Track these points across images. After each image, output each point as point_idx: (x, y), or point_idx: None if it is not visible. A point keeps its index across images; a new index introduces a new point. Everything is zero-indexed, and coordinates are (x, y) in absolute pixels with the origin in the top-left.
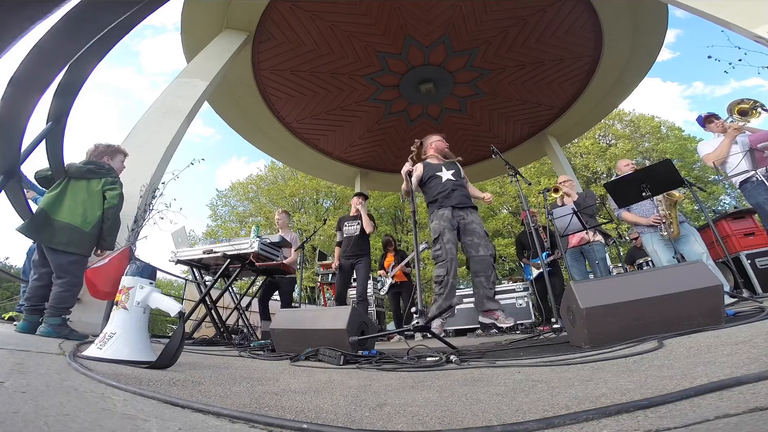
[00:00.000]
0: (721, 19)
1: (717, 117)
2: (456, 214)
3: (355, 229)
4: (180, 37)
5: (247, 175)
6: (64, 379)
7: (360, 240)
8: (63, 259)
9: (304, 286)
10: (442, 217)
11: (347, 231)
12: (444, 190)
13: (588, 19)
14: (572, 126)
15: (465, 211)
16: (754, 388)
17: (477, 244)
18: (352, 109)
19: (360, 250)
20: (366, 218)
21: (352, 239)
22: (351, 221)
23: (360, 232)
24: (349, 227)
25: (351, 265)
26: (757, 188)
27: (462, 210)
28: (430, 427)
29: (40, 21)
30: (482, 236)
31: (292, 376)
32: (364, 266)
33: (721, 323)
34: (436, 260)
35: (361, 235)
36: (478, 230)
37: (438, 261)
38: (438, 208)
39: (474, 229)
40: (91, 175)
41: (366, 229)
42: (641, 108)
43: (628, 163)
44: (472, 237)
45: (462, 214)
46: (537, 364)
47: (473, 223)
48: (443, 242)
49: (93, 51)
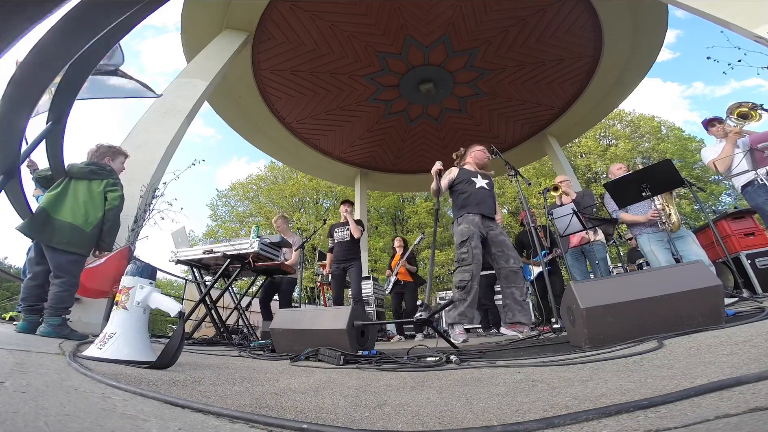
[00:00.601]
0: (721, 19)
1: (720, 121)
2: (485, 223)
3: (345, 235)
4: (180, 37)
5: (247, 175)
6: (64, 379)
7: (350, 245)
8: (62, 259)
9: (304, 286)
10: (472, 222)
11: (338, 237)
12: (477, 196)
13: (588, 19)
14: (572, 126)
15: (493, 222)
16: (754, 388)
17: (508, 256)
18: (352, 109)
19: (351, 254)
20: (353, 224)
21: (342, 245)
22: (341, 227)
23: (350, 238)
24: (339, 233)
25: (343, 269)
26: (758, 191)
27: (491, 221)
28: (430, 427)
29: (40, 21)
30: (511, 248)
31: (292, 376)
32: (356, 270)
33: (721, 323)
34: (461, 263)
35: (351, 240)
36: (507, 242)
37: (463, 264)
38: (468, 213)
39: (504, 240)
40: (93, 176)
41: (354, 234)
42: (642, 108)
43: (621, 167)
44: (503, 248)
45: (491, 225)
46: (537, 364)
47: (502, 234)
48: (471, 246)
49: (93, 51)
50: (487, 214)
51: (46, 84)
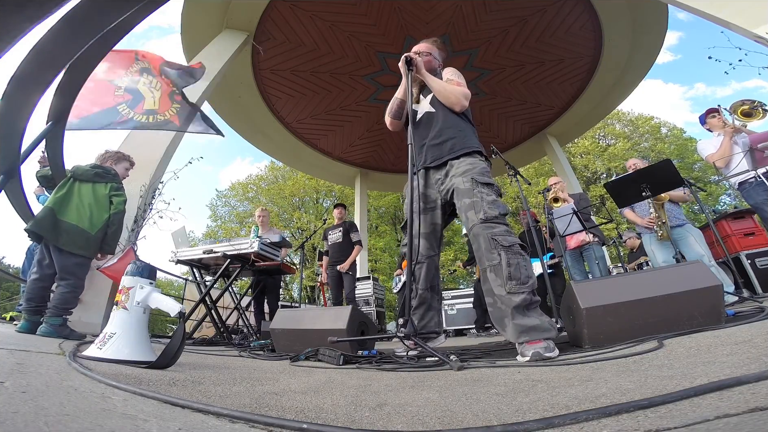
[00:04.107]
0: (722, 19)
1: (719, 112)
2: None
3: (338, 237)
4: (180, 37)
5: (247, 175)
6: (64, 379)
7: (344, 246)
8: (69, 261)
9: (304, 285)
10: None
11: (331, 239)
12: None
13: (588, 19)
14: (572, 126)
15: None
16: (754, 388)
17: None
18: (352, 109)
19: (345, 255)
20: (354, 249)
21: (336, 246)
22: (334, 230)
23: (343, 239)
24: (332, 235)
25: (338, 271)
26: (756, 188)
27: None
28: (430, 427)
29: (40, 21)
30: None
31: (292, 376)
32: (350, 272)
33: (721, 323)
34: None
35: (344, 241)
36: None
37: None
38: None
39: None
40: (97, 179)
41: (352, 257)
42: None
43: (634, 163)
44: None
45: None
46: (537, 364)
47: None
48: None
49: (93, 51)
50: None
51: (46, 84)
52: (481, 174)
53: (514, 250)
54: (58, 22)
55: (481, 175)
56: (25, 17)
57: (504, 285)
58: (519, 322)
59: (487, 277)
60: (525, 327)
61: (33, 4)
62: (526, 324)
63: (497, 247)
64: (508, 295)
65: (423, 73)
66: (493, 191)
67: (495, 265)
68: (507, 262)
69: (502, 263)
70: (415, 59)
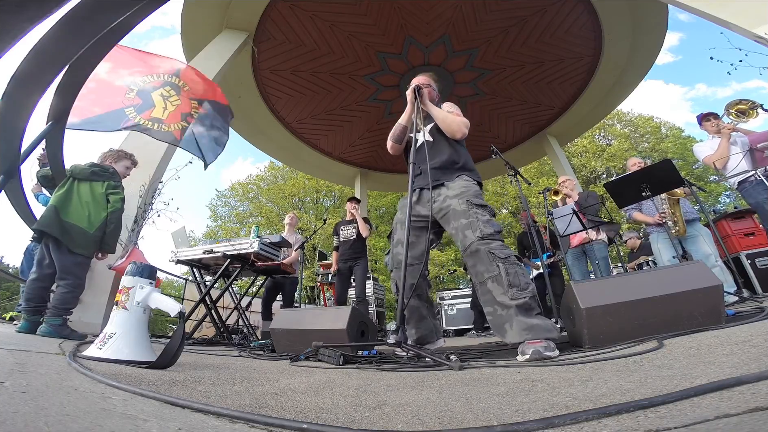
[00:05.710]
0: (722, 19)
1: (715, 116)
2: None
3: (352, 233)
4: (180, 38)
5: (247, 175)
6: (64, 379)
7: (357, 243)
8: (69, 260)
9: (304, 286)
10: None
11: (344, 235)
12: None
13: (588, 19)
14: (572, 126)
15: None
16: (754, 388)
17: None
18: (352, 109)
19: (357, 252)
20: (362, 223)
21: (348, 243)
22: (347, 225)
23: (356, 236)
24: (345, 231)
25: (349, 267)
26: (756, 187)
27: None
28: (430, 427)
29: (40, 21)
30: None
31: (292, 376)
32: (361, 268)
33: (721, 323)
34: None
35: (357, 239)
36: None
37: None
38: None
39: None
40: (94, 177)
41: (362, 233)
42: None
43: (635, 163)
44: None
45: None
46: (537, 364)
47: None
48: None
49: (93, 51)
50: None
51: (46, 84)
52: (475, 196)
53: (511, 261)
54: (58, 22)
55: (476, 197)
56: (25, 17)
57: (506, 292)
58: (522, 320)
59: (488, 288)
60: (528, 325)
61: (33, 4)
62: (529, 322)
63: (495, 259)
64: (510, 301)
65: (426, 103)
66: (487, 212)
67: (495, 275)
68: (506, 272)
69: (502, 273)
70: (423, 90)
